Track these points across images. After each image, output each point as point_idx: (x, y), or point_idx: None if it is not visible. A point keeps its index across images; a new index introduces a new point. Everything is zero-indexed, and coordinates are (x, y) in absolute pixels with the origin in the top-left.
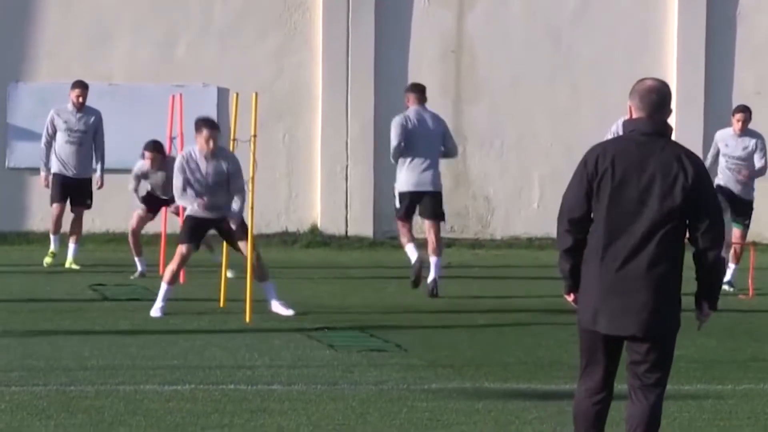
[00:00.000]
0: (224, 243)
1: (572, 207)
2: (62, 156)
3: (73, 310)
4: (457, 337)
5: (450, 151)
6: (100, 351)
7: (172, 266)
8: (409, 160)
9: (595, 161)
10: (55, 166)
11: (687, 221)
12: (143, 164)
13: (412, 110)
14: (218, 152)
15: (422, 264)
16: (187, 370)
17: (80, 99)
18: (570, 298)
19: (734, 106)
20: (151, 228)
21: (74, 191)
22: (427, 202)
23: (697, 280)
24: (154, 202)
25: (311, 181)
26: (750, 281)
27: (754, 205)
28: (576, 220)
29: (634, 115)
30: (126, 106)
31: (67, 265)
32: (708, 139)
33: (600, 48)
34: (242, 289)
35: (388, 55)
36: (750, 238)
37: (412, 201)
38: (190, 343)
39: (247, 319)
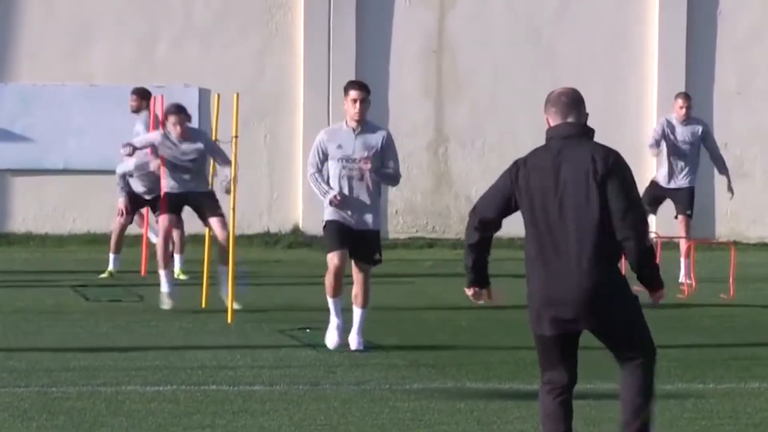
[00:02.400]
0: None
1: (486, 207)
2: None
3: (55, 311)
4: (439, 336)
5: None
6: (81, 352)
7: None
8: None
9: (517, 173)
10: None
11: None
12: (157, 135)
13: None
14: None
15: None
16: (168, 371)
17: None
18: (469, 292)
19: (715, 104)
20: (132, 229)
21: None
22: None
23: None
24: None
25: (293, 181)
26: (731, 281)
27: (734, 204)
28: (487, 221)
29: (552, 124)
30: (107, 107)
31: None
32: None
33: (581, 47)
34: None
35: (369, 56)
36: (731, 237)
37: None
38: (172, 343)
39: (229, 320)
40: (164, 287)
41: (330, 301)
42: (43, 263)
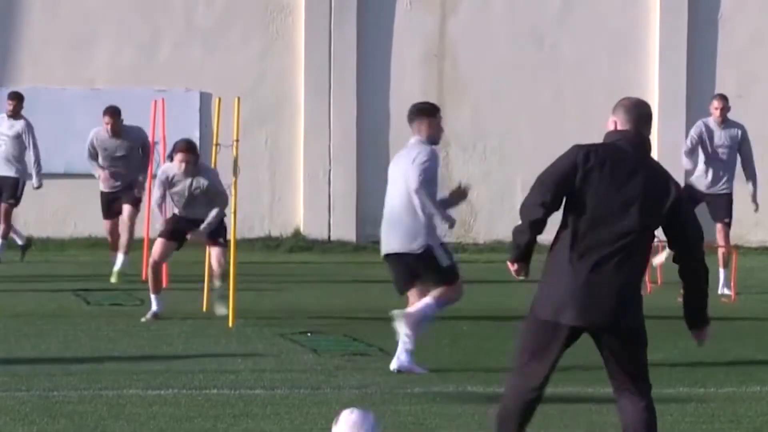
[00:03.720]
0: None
1: (556, 182)
2: None
3: (56, 315)
4: (441, 340)
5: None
6: (83, 356)
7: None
8: None
9: (586, 155)
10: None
11: (662, 234)
12: (170, 167)
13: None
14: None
15: None
16: (170, 375)
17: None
18: (513, 267)
19: None
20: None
21: None
22: None
23: (685, 294)
24: (179, 226)
25: (294, 185)
26: (732, 284)
27: (736, 208)
28: (553, 196)
29: (620, 127)
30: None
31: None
32: None
33: (582, 51)
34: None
35: (370, 59)
36: (733, 241)
37: None
38: (174, 347)
39: (230, 324)
40: (154, 306)
41: None
42: (45, 267)
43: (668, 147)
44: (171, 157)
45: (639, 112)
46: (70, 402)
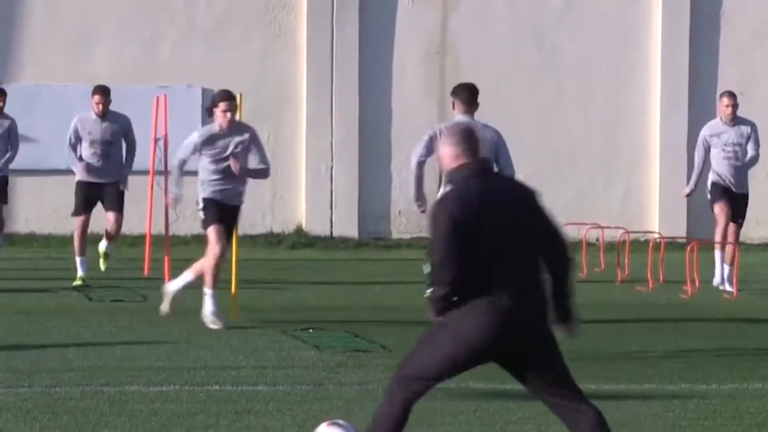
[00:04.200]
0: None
1: (452, 257)
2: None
3: (58, 311)
4: None
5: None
6: (84, 352)
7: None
8: None
9: (459, 206)
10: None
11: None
12: (207, 128)
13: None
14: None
15: None
16: (172, 371)
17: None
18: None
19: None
20: (135, 229)
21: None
22: None
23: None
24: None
25: (296, 182)
26: (734, 281)
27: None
28: (456, 269)
29: (460, 161)
30: (110, 107)
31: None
32: (692, 138)
33: (584, 49)
34: (227, 291)
35: (372, 56)
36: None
37: None
38: (175, 344)
39: (232, 320)
40: (210, 307)
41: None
42: (47, 263)
43: (670, 143)
44: (210, 111)
45: (473, 140)
46: (72, 398)
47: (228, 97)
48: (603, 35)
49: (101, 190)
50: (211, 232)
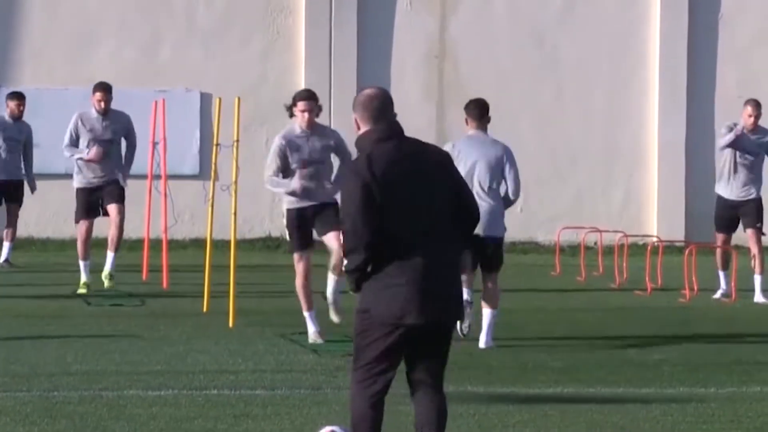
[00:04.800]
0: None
1: (365, 221)
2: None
3: (57, 315)
4: None
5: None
6: (83, 356)
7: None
8: None
9: (369, 170)
10: None
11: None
12: (287, 131)
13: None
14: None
15: None
16: (170, 376)
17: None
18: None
19: (716, 109)
20: (133, 233)
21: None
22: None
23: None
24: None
25: None
26: (733, 285)
27: None
28: (369, 234)
29: (363, 127)
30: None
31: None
32: (690, 142)
33: (583, 51)
34: (226, 294)
35: (371, 60)
36: (733, 241)
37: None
38: (174, 348)
39: (231, 324)
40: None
41: None
42: (45, 267)
43: (668, 147)
44: (290, 111)
45: (374, 106)
46: (71, 403)
47: (308, 96)
48: (602, 38)
49: (101, 189)
50: (295, 257)
